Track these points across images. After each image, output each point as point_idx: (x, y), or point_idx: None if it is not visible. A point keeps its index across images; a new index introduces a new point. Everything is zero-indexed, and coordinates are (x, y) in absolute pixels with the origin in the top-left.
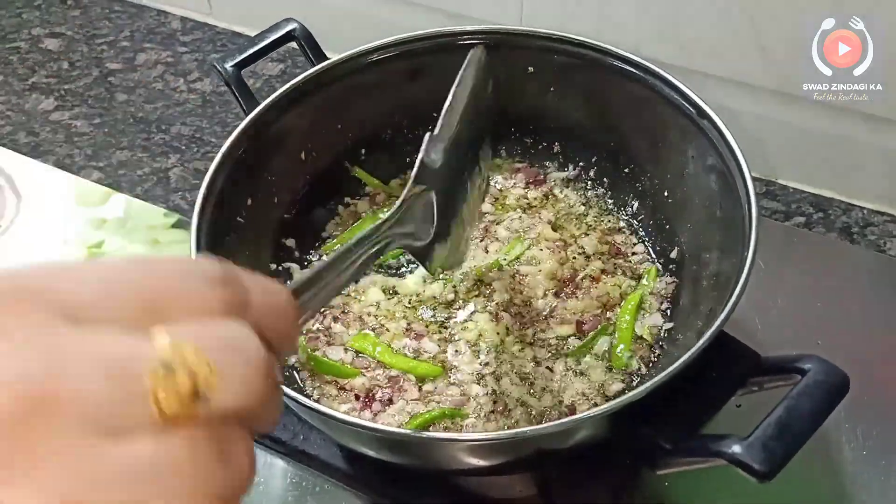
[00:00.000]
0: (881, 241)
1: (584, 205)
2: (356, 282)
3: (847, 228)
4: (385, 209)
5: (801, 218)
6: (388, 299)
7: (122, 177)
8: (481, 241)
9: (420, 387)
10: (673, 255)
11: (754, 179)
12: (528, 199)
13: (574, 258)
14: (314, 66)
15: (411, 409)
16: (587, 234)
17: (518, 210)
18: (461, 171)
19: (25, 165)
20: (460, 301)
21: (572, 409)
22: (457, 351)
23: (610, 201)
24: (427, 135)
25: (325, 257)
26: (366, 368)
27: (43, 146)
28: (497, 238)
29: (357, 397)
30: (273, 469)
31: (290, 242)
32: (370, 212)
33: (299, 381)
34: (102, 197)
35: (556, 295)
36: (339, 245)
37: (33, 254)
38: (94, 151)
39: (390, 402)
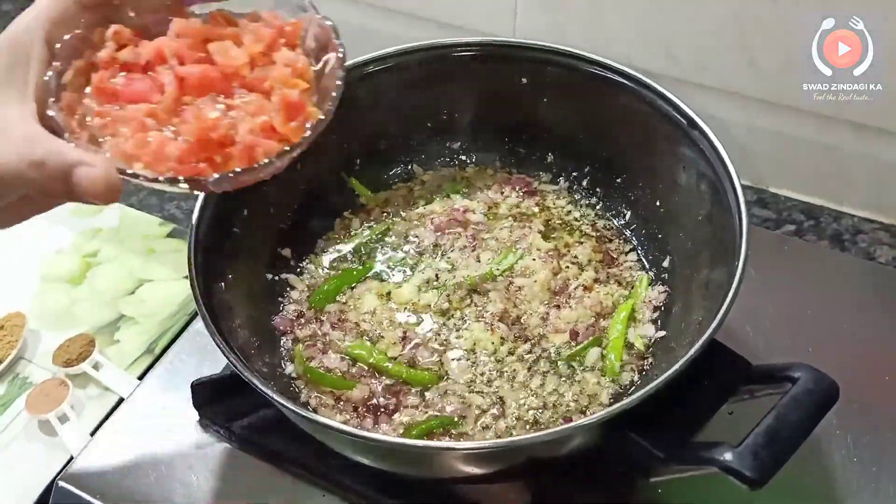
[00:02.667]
0: (871, 248)
1: (577, 214)
2: (352, 289)
3: (838, 236)
4: (377, 223)
5: (792, 226)
6: (384, 307)
7: None
8: (473, 250)
9: (417, 395)
10: (665, 263)
11: (745, 188)
12: (520, 208)
13: (567, 267)
14: None
15: (409, 418)
16: (581, 243)
17: (510, 219)
18: None
19: None
20: (454, 310)
21: (566, 418)
22: (452, 359)
23: (603, 211)
24: None
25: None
26: (362, 376)
27: None
28: (489, 247)
29: (355, 408)
30: (269, 479)
31: (286, 252)
32: (365, 226)
33: (297, 391)
34: (97, 206)
35: (551, 305)
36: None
37: (28, 263)
38: None
39: (387, 410)
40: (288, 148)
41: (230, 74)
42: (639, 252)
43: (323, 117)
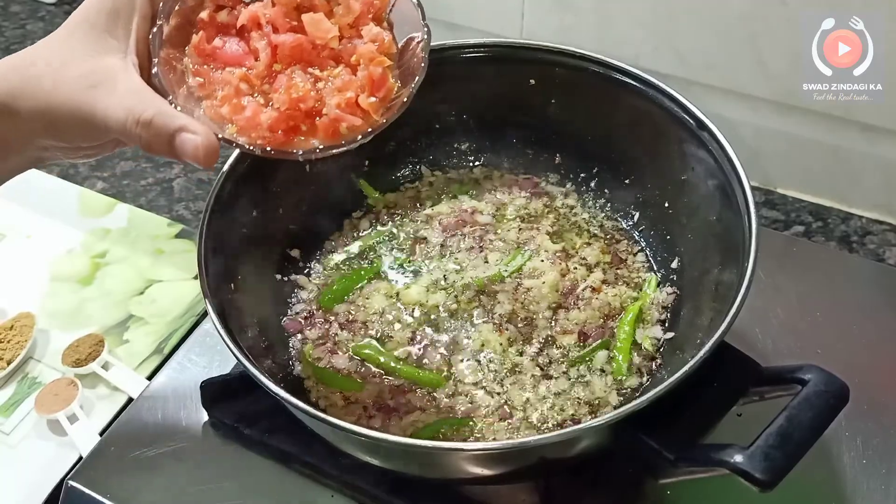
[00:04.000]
0: (880, 249)
1: (585, 215)
2: (361, 289)
3: (846, 237)
4: (385, 224)
5: (801, 227)
6: (393, 308)
7: (126, 187)
8: (481, 251)
9: (426, 396)
10: (674, 265)
11: (754, 189)
12: (528, 209)
13: (575, 269)
14: None
15: (418, 419)
16: (589, 245)
17: (518, 220)
18: None
19: (30, 176)
20: (463, 311)
21: (575, 419)
22: (461, 360)
23: (611, 212)
24: None
25: None
26: (371, 377)
27: None
28: (497, 249)
29: (364, 408)
30: (278, 478)
31: (295, 253)
32: (373, 227)
33: (306, 391)
34: (106, 207)
35: (559, 306)
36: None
37: (38, 264)
38: (98, 162)
39: (396, 411)
40: (371, 130)
41: (319, 45)
42: (647, 253)
43: (406, 100)
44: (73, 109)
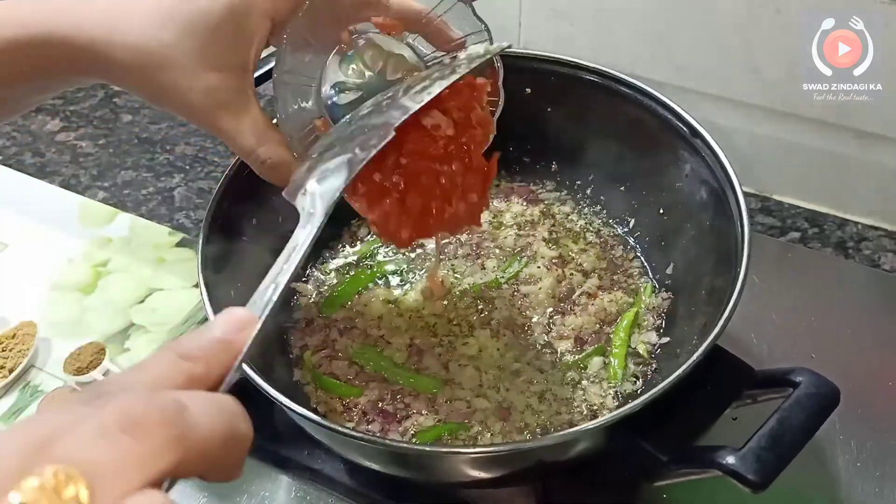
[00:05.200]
0: (875, 255)
1: (581, 222)
2: (359, 295)
3: (842, 243)
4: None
5: (797, 233)
6: (391, 314)
7: (127, 196)
8: (478, 258)
9: (424, 401)
10: (669, 270)
11: (750, 195)
12: (525, 216)
13: (572, 275)
14: None
15: (416, 424)
16: (585, 251)
17: (514, 227)
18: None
19: (31, 186)
20: (460, 317)
21: (571, 423)
22: (459, 365)
23: (607, 218)
24: None
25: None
26: (370, 382)
27: (49, 167)
28: (493, 255)
29: (364, 413)
30: (278, 484)
31: None
32: (371, 234)
33: (306, 397)
34: (108, 216)
35: (556, 312)
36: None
37: (39, 273)
38: (99, 171)
39: (395, 416)
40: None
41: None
42: (642, 259)
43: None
44: (194, 116)
